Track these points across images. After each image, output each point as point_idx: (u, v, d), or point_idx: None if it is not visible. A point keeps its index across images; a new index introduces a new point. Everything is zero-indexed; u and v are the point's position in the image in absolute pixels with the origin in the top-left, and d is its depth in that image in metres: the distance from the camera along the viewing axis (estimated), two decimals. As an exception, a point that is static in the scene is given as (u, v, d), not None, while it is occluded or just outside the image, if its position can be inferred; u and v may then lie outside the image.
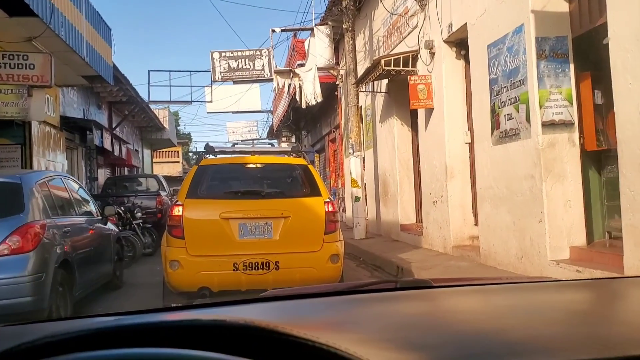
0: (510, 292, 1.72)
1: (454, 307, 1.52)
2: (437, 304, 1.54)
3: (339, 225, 6.60)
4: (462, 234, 9.20)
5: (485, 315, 1.34)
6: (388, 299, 1.60)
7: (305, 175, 6.77)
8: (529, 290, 1.74)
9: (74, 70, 14.13)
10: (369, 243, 12.05)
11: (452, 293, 1.73)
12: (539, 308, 1.40)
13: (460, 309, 1.48)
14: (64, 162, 16.20)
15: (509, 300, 1.54)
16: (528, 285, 1.89)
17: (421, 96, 9.70)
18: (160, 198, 14.54)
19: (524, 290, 1.76)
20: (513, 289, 1.80)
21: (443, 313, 1.44)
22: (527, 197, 6.87)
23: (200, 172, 6.58)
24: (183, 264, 6.01)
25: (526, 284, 1.92)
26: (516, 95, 7.02)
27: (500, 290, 1.77)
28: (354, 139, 13.12)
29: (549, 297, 1.56)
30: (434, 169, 9.72)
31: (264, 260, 6.02)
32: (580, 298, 1.54)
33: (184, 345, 0.68)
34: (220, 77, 19.13)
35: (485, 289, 1.79)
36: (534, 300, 1.53)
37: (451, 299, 1.63)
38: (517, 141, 7.02)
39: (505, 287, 1.84)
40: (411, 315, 1.33)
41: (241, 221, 6.15)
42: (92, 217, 7.70)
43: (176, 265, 6.01)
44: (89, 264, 6.80)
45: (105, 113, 21.67)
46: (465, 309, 1.48)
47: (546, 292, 1.66)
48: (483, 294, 1.68)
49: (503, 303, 1.50)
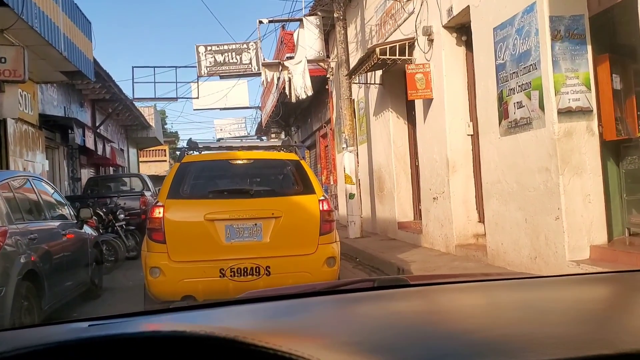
0: (486, 290, 1.74)
1: (428, 308, 1.52)
2: (411, 304, 1.53)
3: (335, 225, 6.11)
4: (465, 232, 8.61)
5: (455, 315, 1.37)
6: (364, 299, 1.62)
7: (297, 171, 6.27)
8: (505, 288, 1.75)
9: (52, 66, 13.48)
10: (365, 242, 11.46)
11: (428, 292, 1.74)
12: (507, 307, 1.41)
13: (434, 309, 1.49)
14: (44, 163, 15.49)
15: (483, 299, 1.57)
16: (504, 283, 1.89)
17: (419, 86, 9.09)
18: (144, 198, 13.83)
19: (500, 288, 1.77)
20: (489, 286, 1.82)
21: (416, 314, 1.42)
22: (541, 191, 6.28)
23: (182, 169, 6.06)
24: (165, 271, 5.52)
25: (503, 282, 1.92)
26: (527, 81, 6.43)
27: (474, 288, 1.78)
28: (347, 134, 12.51)
29: (516, 295, 1.56)
30: (434, 163, 9.13)
31: (253, 266, 5.55)
32: (549, 296, 1.52)
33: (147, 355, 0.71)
34: (206, 71, 18.46)
35: (460, 287, 1.81)
36: (508, 297, 1.54)
37: (426, 298, 1.64)
38: (529, 131, 6.44)
39: (480, 285, 1.85)
40: (385, 317, 1.34)
41: (228, 223, 5.66)
42: (66, 221, 7.04)
43: (157, 273, 5.53)
44: (60, 273, 6.15)
45: (88, 111, 20.95)
46: (438, 309, 1.49)
47: (520, 290, 1.66)
48: (457, 293, 1.70)
49: (476, 302, 1.53)
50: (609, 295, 1.53)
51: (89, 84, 18.57)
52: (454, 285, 1.90)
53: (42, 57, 12.47)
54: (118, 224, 12.03)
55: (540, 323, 1.16)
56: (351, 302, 1.58)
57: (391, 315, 1.36)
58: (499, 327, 1.15)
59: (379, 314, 1.39)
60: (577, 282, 1.86)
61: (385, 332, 1.13)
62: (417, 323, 1.27)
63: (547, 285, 1.74)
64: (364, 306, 1.50)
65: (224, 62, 18.30)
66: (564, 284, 1.79)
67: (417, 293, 1.71)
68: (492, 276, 2.88)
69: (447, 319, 1.33)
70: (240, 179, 6.45)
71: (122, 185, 17.10)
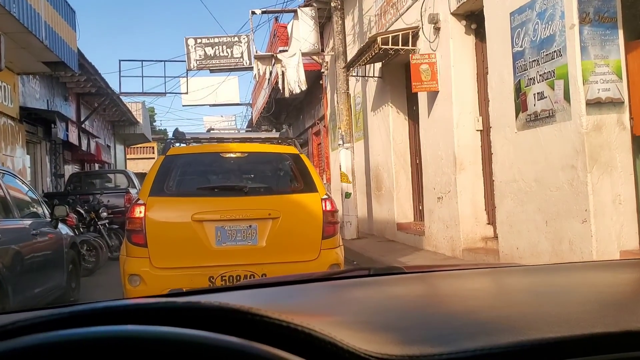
0: (480, 276, 1.75)
1: (426, 291, 1.52)
2: (409, 289, 1.51)
3: (339, 228, 5.42)
4: (473, 234, 8.01)
5: (455, 298, 1.37)
6: (361, 284, 1.62)
7: (297, 166, 5.56)
8: (499, 274, 1.77)
9: (34, 56, 12.83)
10: (362, 244, 10.84)
11: (424, 278, 1.74)
12: (508, 290, 1.44)
13: (432, 293, 1.49)
14: (25, 157, 14.80)
15: (479, 284, 1.57)
16: (497, 270, 1.94)
17: (424, 78, 8.48)
18: (129, 195, 13.12)
19: (493, 274, 1.79)
20: (483, 273, 1.84)
21: (415, 297, 1.41)
22: (565, 191, 5.69)
23: (167, 163, 5.34)
24: (146, 279, 4.82)
25: (496, 269, 1.96)
26: (551, 69, 5.83)
27: (470, 274, 1.78)
28: (343, 129, 11.87)
29: (517, 280, 1.57)
30: (439, 160, 8.52)
31: (247, 273, 4.87)
32: (550, 281, 1.48)
33: None
34: (196, 65, 17.78)
35: (455, 274, 1.81)
36: (503, 283, 1.57)
37: (423, 283, 1.64)
38: (552, 124, 5.84)
39: (475, 272, 1.86)
40: (384, 299, 1.34)
41: (218, 224, 4.99)
42: (38, 219, 6.36)
43: (137, 281, 4.83)
44: (28, 278, 5.47)
45: (72, 105, 20.21)
46: (436, 293, 1.48)
47: (516, 276, 1.67)
48: (453, 279, 1.69)
49: (472, 286, 1.52)
50: (616, 280, 1.46)
51: (74, 77, 17.90)
52: (452, 272, 1.88)
53: (23, 46, 11.80)
54: (100, 223, 11.35)
55: (543, 304, 1.15)
56: (348, 287, 1.59)
57: (390, 299, 1.35)
58: (501, 308, 1.15)
59: (378, 297, 1.38)
60: (582, 267, 1.85)
61: (387, 314, 1.14)
62: (417, 305, 1.26)
63: (551, 271, 1.75)
64: (362, 291, 1.49)
65: (215, 55, 17.63)
66: (568, 269, 1.77)
67: (414, 279, 1.70)
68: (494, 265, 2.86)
69: (448, 301, 1.33)
70: (233, 174, 5.72)
71: (106, 182, 16.40)
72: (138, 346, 0.57)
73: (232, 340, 0.59)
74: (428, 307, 1.23)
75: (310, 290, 1.59)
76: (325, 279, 1.81)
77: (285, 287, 1.63)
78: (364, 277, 1.74)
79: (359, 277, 1.78)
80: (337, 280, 1.76)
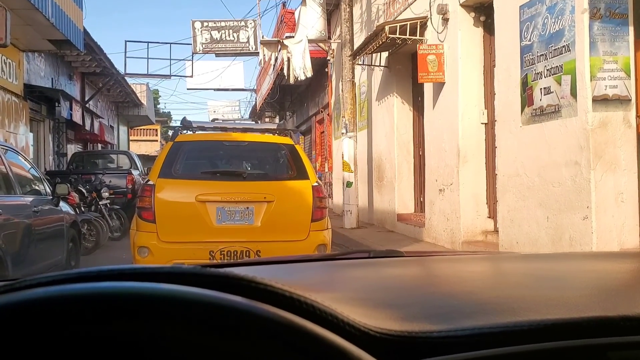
0: (481, 261, 1.76)
1: (426, 273, 1.53)
2: (409, 270, 1.53)
3: (327, 212, 6.03)
4: (473, 227, 8.01)
5: (455, 279, 1.37)
6: (361, 265, 1.63)
7: (291, 156, 6.20)
8: (499, 260, 1.79)
9: (39, 33, 12.76)
10: (361, 233, 10.84)
11: (424, 261, 1.77)
12: (508, 273, 1.45)
13: (431, 274, 1.49)
14: (28, 135, 14.76)
15: (479, 267, 1.58)
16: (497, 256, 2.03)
17: (431, 68, 8.44)
18: (131, 176, 13.10)
19: (494, 259, 1.81)
20: (483, 258, 1.85)
21: (414, 278, 1.44)
22: (567, 187, 5.68)
23: (175, 148, 5.97)
24: (153, 251, 5.46)
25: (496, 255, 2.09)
26: (558, 64, 5.80)
27: (469, 259, 1.79)
28: (347, 118, 11.83)
29: (518, 265, 1.59)
30: (443, 152, 8.50)
31: (243, 249, 5.53)
32: (551, 267, 1.49)
33: None
34: (202, 48, 17.72)
35: (455, 259, 1.84)
36: (503, 267, 1.58)
37: (423, 266, 1.65)
38: (557, 120, 5.82)
39: (474, 257, 1.87)
40: (384, 279, 1.34)
41: (219, 205, 5.58)
42: (40, 197, 6.36)
43: (145, 252, 5.47)
44: (28, 254, 5.48)
45: (77, 84, 20.14)
46: (436, 274, 1.48)
47: (516, 261, 1.70)
48: (453, 263, 1.70)
49: (473, 269, 1.53)
50: (616, 268, 1.46)
51: (79, 56, 17.82)
52: (452, 256, 1.90)
53: (28, 23, 11.75)
54: (102, 203, 11.34)
55: (543, 287, 1.15)
56: (349, 267, 1.60)
57: (390, 278, 1.35)
58: (501, 290, 1.16)
59: (378, 277, 1.39)
60: (583, 256, 1.84)
61: (387, 292, 1.14)
62: (417, 285, 1.27)
63: (552, 258, 1.76)
64: (362, 271, 1.50)
65: (221, 39, 17.56)
66: (569, 257, 1.79)
67: (414, 262, 1.71)
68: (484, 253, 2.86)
69: (448, 282, 1.33)
70: (233, 161, 6.39)
71: (109, 162, 16.34)
72: (144, 302, 0.57)
73: (239, 300, 0.59)
74: (428, 287, 1.23)
75: (310, 268, 1.61)
76: (326, 260, 1.85)
77: (286, 265, 1.65)
78: (364, 259, 1.76)
79: (359, 258, 1.79)
80: (338, 260, 1.80)
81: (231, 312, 0.58)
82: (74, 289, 0.59)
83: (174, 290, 0.60)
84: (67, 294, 0.58)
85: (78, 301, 0.57)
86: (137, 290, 0.59)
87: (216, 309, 0.58)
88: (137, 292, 0.58)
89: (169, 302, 0.58)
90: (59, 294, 0.58)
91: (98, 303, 0.57)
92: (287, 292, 0.65)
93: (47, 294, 0.58)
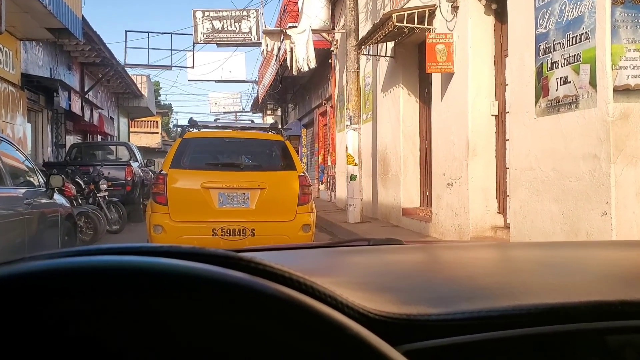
0: (482, 248, 1.79)
1: (425, 259, 1.54)
2: (408, 256, 1.54)
3: (312, 198, 7.05)
4: (483, 223, 7.74)
5: (454, 265, 1.38)
6: (361, 251, 1.66)
7: (281, 150, 7.28)
8: (501, 247, 1.83)
9: (36, 21, 12.49)
10: (365, 228, 10.58)
11: (423, 248, 1.82)
12: (509, 259, 1.46)
13: (430, 260, 1.51)
14: (26, 125, 14.50)
15: (480, 254, 1.58)
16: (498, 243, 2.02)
17: (440, 58, 8.16)
18: (130, 168, 12.84)
19: (495, 247, 1.85)
20: (485, 246, 1.91)
21: (414, 263, 1.43)
22: (585, 182, 5.41)
23: (183, 144, 7.01)
24: (166, 229, 6.47)
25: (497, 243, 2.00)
26: (577, 52, 5.52)
27: (470, 247, 1.85)
28: (352, 110, 11.54)
29: (519, 251, 1.61)
30: (451, 145, 8.22)
31: (240, 228, 6.52)
32: (553, 253, 1.51)
33: None
34: (203, 38, 17.40)
35: (454, 246, 1.92)
36: (504, 253, 1.59)
37: (423, 252, 1.69)
38: (575, 111, 5.54)
39: (475, 245, 2.01)
40: (383, 264, 1.35)
41: (221, 191, 6.62)
42: (33, 188, 6.11)
43: (160, 230, 6.48)
44: (19, 248, 5.24)
45: (76, 75, 19.86)
46: (435, 260, 1.50)
47: (518, 248, 1.72)
48: (453, 250, 1.73)
49: (472, 256, 1.53)
50: (621, 256, 1.45)
51: (78, 46, 17.55)
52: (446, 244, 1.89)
53: (25, 10, 11.48)
54: (100, 195, 11.11)
55: (544, 273, 1.15)
56: (348, 254, 1.62)
57: (390, 264, 1.36)
58: (501, 275, 1.15)
59: (377, 262, 1.39)
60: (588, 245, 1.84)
61: (386, 277, 1.14)
62: (416, 270, 1.28)
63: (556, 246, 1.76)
64: (362, 257, 1.51)
65: (222, 29, 17.24)
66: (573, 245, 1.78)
67: (413, 249, 1.74)
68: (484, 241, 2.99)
69: (448, 267, 1.34)
70: (232, 154, 7.36)
71: (108, 153, 16.07)
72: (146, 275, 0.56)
73: (241, 276, 0.58)
74: (427, 272, 1.25)
75: (310, 255, 1.65)
76: (326, 247, 1.91)
77: (286, 251, 1.69)
78: (364, 247, 1.78)
79: (359, 246, 1.82)
80: (338, 248, 1.86)
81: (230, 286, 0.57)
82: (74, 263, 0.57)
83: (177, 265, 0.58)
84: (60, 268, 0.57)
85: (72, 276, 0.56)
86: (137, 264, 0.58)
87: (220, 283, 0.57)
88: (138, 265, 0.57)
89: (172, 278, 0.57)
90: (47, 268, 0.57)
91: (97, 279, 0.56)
92: (286, 272, 0.64)
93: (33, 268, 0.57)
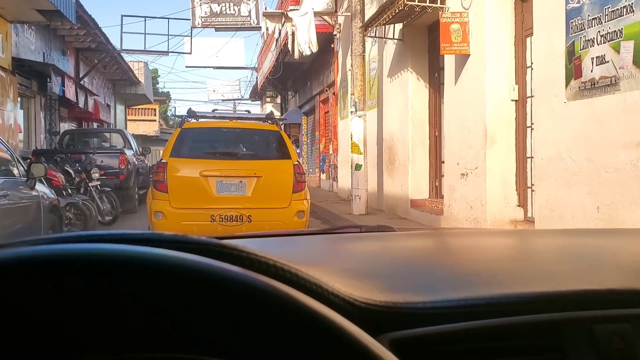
0: (475, 235, 1.76)
1: (415, 246, 1.52)
2: (398, 244, 1.52)
3: (306, 186, 7.31)
4: (501, 216, 7.17)
5: (444, 252, 1.40)
6: (352, 238, 1.65)
7: (277, 140, 7.54)
8: (493, 235, 1.79)
9: (27, 3, 11.93)
10: (371, 220, 10.00)
11: (414, 236, 1.78)
12: (500, 247, 1.42)
13: (420, 247, 1.49)
14: (17, 112, 13.92)
15: (471, 241, 1.56)
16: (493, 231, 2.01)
17: (454, 39, 7.56)
18: (124, 156, 12.24)
19: (489, 234, 1.82)
20: (475, 233, 1.86)
21: (403, 250, 1.40)
22: (626, 174, 4.84)
23: (183, 133, 7.22)
24: (166, 215, 6.67)
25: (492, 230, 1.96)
26: (617, 28, 4.93)
27: (460, 234, 1.81)
28: (357, 96, 10.94)
29: (510, 240, 1.58)
30: (467, 132, 7.64)
31: (238, 214, 6.77)
32: (548, 242, 1.47)
33: None
34: (201, 22, 16.79)
35: (446, 233, 1.88)
36: (496, 241, 1.55)
37: (413, 240, 1.66)
38: (614, 94, 4.96)
39: (466, 232, 1.87)
40: (372, 252, 1.36)
41: (218, 179, 6.86)
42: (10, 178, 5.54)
43: (160, 216, 6.68)
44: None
45: (71, 60, 19.25)
46: (424, 247, 1.50)
47: (510, 237, 1.70)
48: (443, 237, 1.73)
49: (463, 243, 1.52)
50: (615, 243, 1.38)
51: (72, 30, 16.95)
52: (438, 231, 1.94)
53: (15, -9, 10.89)
54: (92, 184, 10.53)
55: (534, 262, 1.14)
56: (338, 241, 1.62)
57: (379, 251, 1.35)
58: (490, 262, 1.15)
59: (366, 250, 1.39)
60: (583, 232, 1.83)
61: (375, 264, 1.13)
62: (404, 257, 1.27)
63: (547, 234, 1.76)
64: (351, 244, 1.52)
65: (221, 12, 16.62)
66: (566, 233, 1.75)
67: (405, 236, 1.71)
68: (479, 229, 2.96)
69: (436, 255, 1.35)
70: (230, 143, 7.60)
71: (102, 141, 15.48)
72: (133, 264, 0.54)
73: (233, 269, 0.56)
74: (415, 259, 1.24)
75: (299, 241, 1.63)
76: (317, 234, 1.90)
77: (276, 238, 1.68)
78: (355, 233, 1.74)
79: (351, 233, 1.79)
80: (329, 235, 1.84)
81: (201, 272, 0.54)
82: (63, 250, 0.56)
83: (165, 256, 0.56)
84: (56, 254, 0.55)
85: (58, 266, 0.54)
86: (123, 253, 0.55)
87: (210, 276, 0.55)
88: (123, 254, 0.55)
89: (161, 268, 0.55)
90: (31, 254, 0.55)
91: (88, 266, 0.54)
92: (270, 260, 0.63)
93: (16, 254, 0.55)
